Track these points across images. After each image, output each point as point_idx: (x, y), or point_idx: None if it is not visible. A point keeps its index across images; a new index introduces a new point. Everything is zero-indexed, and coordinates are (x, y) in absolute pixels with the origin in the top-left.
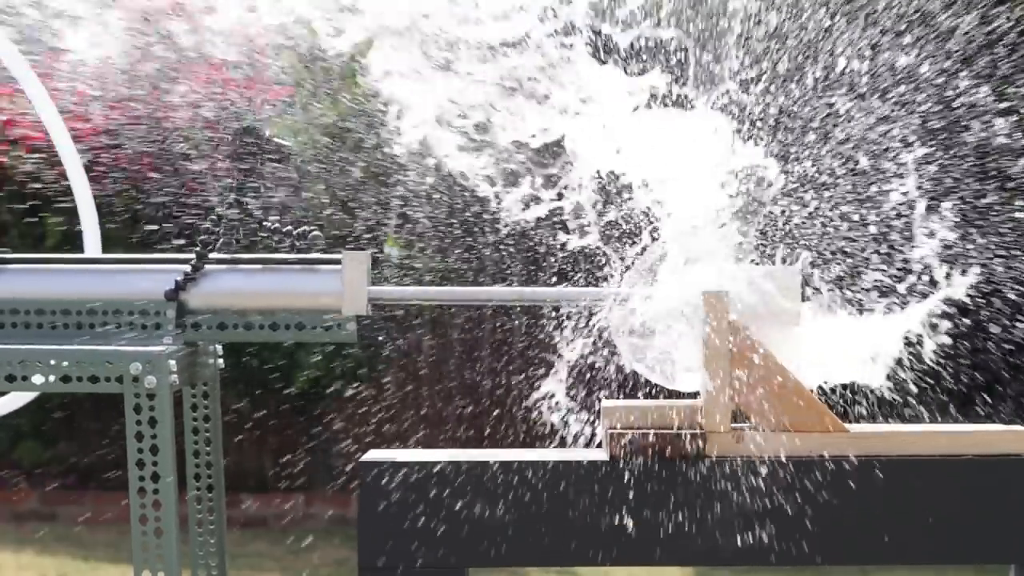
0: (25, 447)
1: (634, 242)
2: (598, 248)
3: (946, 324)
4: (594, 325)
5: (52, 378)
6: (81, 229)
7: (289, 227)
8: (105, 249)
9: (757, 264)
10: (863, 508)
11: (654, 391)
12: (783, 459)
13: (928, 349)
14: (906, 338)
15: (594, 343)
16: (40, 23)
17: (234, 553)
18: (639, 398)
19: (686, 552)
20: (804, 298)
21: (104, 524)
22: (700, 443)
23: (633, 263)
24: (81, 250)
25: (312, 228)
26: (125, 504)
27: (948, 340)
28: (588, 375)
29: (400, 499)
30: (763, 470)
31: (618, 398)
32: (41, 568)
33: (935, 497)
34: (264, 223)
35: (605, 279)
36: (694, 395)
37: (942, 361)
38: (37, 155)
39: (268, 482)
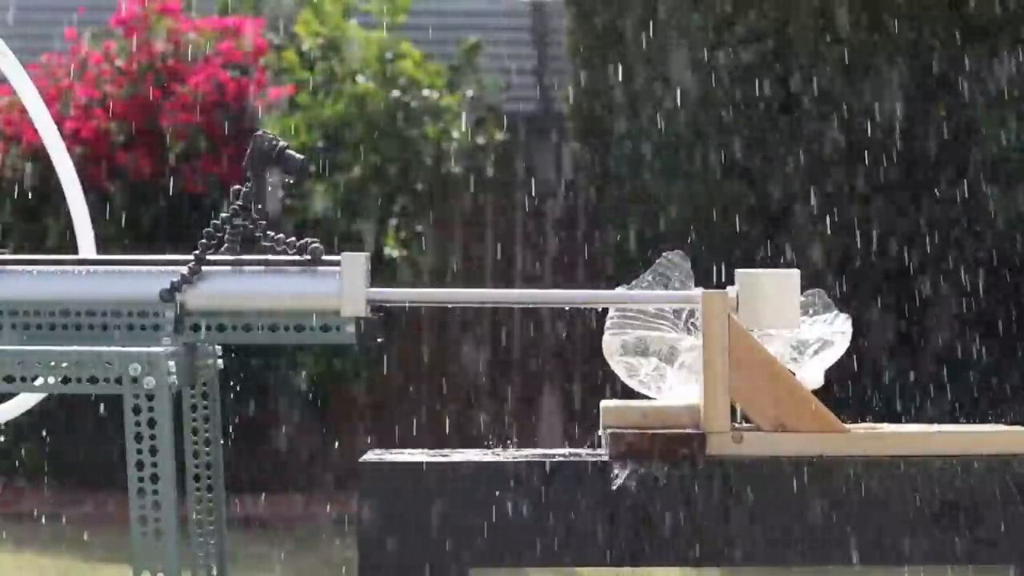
0: (25, 447)
1: None
2: None
3: None
4: None
5: (51, 379)
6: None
7: (292, 239)
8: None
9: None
10: (862, 508)
11: None
12: (782, 459)
13: None
14: None
15: None
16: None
17: (234, 553)
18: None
19: (685, 552)
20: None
21: (104, 524)
22: (700, 443)
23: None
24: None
25: (313, 240)
26: (125, 505)
27: None
28: None
29: (400, 499)
30: (762, 471)
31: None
32: (41, 568)
33: (935, 497)
34: (268, 233)
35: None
36: None
37: None
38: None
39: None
